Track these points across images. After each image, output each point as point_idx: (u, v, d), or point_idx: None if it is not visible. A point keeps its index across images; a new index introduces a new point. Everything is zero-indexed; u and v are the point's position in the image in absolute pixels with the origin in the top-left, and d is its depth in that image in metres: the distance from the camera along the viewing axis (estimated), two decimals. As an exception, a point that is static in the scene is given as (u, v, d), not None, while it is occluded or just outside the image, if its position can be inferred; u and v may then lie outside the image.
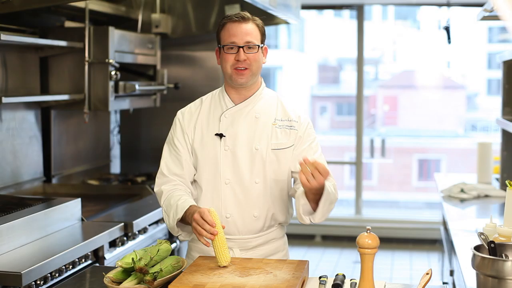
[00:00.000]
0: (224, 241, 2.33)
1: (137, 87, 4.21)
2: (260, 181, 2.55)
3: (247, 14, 2.55)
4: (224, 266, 2.32)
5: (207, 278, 2.20)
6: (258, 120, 2.58)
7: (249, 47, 2.51)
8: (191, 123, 2.61)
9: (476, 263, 2.12)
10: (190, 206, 2.44)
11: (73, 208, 3.29)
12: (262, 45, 2.57)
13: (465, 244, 3.01)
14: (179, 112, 2.67)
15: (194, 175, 2.61)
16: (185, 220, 2.45)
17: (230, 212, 2.56)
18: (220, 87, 2.68)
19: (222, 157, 2.55)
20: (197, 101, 2.69)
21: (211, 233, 2.30)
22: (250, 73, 2.53)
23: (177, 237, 4.02)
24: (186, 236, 2.56)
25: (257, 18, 2.58)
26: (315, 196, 2.42)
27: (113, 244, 3.33)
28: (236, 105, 2.59)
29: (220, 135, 2.56)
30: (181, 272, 2.29)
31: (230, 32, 2.51)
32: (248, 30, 2.51)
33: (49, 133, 4.16)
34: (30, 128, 3.97)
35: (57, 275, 2.78)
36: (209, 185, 2.57)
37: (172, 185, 2.58)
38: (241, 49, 2.49)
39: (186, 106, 2.69)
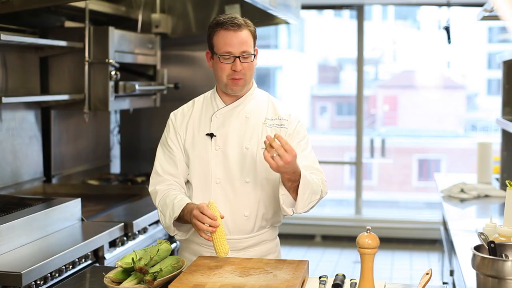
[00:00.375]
0: (223, 232, 2.34)
1: (137, 87, 4.21)
2: (250, 180, 2.55)
3: (240, 20, 2.51)
4: (223, 266, 2.32)
5: (207, 278, 2.20)
6: (249, 120, 2.59)
7: (245, 57, 2.50)
8: (183, 123, 2.63)
9: (476, 263, 2.12)
10: (187, 204, 2.45)
11: (73, 208, 3.29)
12: (254, 52, 2.54)
13: (465, 244, 3.01)
14: (172, 114, 2.69)
15: (188, 174, 2.62)
16: (183, 219, 2.45)
17: (220, 212, 2.56)
18: (209, 91, 2.69)
19: (213, 157, 2.56)
20: (190, 102, 2.71)
21: (212, 226, 2.30)
22: (244, 82, 2.55)
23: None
24: (183, 235, 2.56)
25: (249, 23, 2.55)
26: (293, 183, 2.42)
27: (113, 244, 3.33)
28: (227, 105, 2.60)
29: (211, 135, 2.57)
30: (181, 272, 2.29)
31: (226, 41, 2.48)
32: (243, 39, 2.49)
33: (49, 133, 4.16)
34: (30, 128, 3.97)
35: (57, 275, 2.79)
36: (200, 185, 2.58)
37: (167, 185, 2.59)
38: (237, 59, 2.48)
39: (179, 108, 2.71)
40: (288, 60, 13.35)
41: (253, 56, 2.52)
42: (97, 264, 3.16)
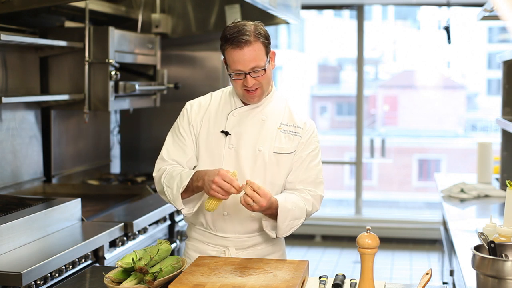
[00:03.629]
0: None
1: (137, 87, 4.21)
2: (259, 183, 2.55)
3: (247, 33, 2.41)
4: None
5: (207, 278, 2.20)
6: (265, 123, 2.59)
7: (256, 71, 2.45)
8: (198, 116, 2.62)
9: (476, 263, 2.13)
10: (196, 171, 2.45)
11: (73, 208, 3.29)
12: (268, 59, 2.50)
13: (465, 244, 3.01)
14: (188, 103, 2.67)
15: (195, 167, 2.61)
16: (191, 187, 2.44)
17: (227, 211, 2.56)
18: (228, 86, 2.68)
19: (226, 155, 2.56)
20: (207, 95, 2.69)
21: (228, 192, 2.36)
22: (261, 91, 2.53)
23: (181, 238, 4.02)
24: (189, 209, 2.54)
25: (260, 30, 2.46)
26: (271, 214, 2.47)
27: (113, 244, 3.33)
28: (245, 105, 2.60)
29: (226, 133, 2.57)
30: (181, 272, 2.29)
31: (234, 59, 2.44)
32: (251, 56, 2.43)
33: (49, 133, 4.16)
34: (30, 128, 3.97)
35: (57, 275, 2.79)
36: None
37: (173, 166, 2.58)
38: (248, 76, 2.45)
39: (196, 99, 2.69)
40: (288, 60, 13.36)
41: (264, 70, 2.47)
42: (97, 264, 3.16)
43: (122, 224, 3.37)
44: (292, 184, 2.59)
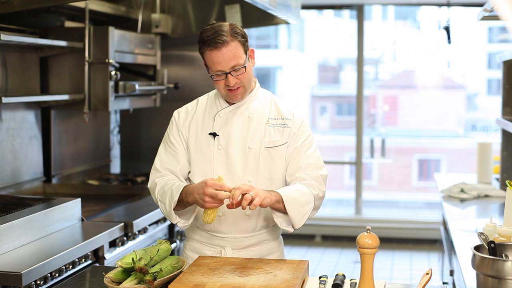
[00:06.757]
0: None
1: (137, 87, 4.21)
2: (253, 180, 2.56)
3: (224, 33, 2.44)
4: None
5: (207, 278, 2.20)
6: (251, 120, 2.61)
7: (236, 70, 2.47)
8: (186, 122, 2.65)
9: (476, 263, 2.13)
10: (185, 186, 2.46)
11: (73, 208, 3.29)
12: (247, 56, 2.51)
13: (465, 244, 3.01)
14: (175, 112, 2.71)
15: (189, 172, 2.62)
16: (183, 202, 2.45)
17: (222, 211, 2.56)
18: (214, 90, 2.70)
19: (216, 156, 2.57)
20: (194, 101, 2.73)
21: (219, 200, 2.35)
22: (243, 89, 2.55)
23: (180, 238, 4.02)
24: (185, 222, 2.56)
25: (236, 29, 2.48)
26: (279, 207, 2.46)
27: (113, 244, 3.33)
28: (230, 105, 2.61)
29: (214, 135, 2.58)
30: (181, 272, 2.29)
31: (214, 60, 2.46)
32: (230, 55, 2.45)
33: (49, 133, 4.16)
34: (30, 128, 3.97)
35: (57, 275, 2.79)
36: None
37: (166, 179, 2.60)
38: (229, 75, 2.47)
39: (183, 106, 2.73)
40: (288, 60, 13.36)
41: (244, 67, 2.49)
42: (97, 264, 3.16)
43: (122, 224, 3.37)
44: (293, 176, 2.59)
